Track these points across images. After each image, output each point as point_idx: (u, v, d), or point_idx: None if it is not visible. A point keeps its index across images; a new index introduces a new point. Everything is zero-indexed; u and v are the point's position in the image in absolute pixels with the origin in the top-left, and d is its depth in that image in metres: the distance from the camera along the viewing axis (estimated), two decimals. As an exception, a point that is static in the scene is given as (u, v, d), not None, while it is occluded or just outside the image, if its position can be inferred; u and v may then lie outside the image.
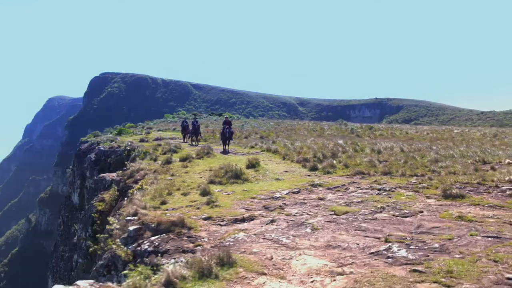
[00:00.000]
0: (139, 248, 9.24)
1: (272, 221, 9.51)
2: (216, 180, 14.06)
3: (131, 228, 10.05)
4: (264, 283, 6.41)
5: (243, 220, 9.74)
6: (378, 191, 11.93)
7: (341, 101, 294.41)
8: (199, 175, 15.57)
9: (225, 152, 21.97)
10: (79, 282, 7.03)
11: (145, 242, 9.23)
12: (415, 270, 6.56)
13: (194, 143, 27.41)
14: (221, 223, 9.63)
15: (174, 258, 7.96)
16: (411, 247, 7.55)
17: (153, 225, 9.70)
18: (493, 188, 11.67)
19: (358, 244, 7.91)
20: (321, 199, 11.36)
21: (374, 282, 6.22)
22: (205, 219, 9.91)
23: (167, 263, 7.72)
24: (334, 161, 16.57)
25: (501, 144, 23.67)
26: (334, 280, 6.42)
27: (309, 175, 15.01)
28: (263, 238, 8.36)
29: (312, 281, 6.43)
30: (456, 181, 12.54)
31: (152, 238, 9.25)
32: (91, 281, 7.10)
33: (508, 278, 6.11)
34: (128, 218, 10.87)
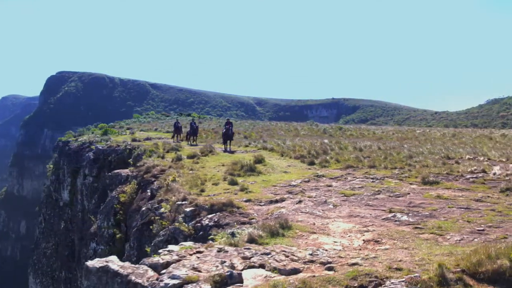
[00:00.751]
0: (198, 224, 11.88)
1: (300, 201, 12.42)
2: (235, 173, 16.78)
3: (187, 209, 12.68)
4: (317, 238, 9.31)
5: (276, 201, 12.60)
6: (371, 180, 15.08)
7: (299, 101, 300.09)
8: (216, 170, 18.25)
9: (226, 150, 24.56)
10: (184, 243, 9.70)
11: (204, 219, 11.88)
12: (416, 227, 9.65)
13: (193, 142, 29.71)
14: (260, 204, 12.45)
15: (237, 228, 10.68)
16: (409, 214, 10.66)
17: (206, 206, 12.38)
18: (459, 177, 15.04)
19: (371, 214, 10.95)
20: (329, 186, 14.38)
21: (391, 234, 9.25)
22: (246, 201, 12.68)
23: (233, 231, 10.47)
24: (327, 157, 19.69)
25: (460, 143, 27.60)
26: (363, 235, 9.40)
27: (309, 168, 18.03)
28: (301, 212, 11.26)
29: (349, 236, 9.39)
30: (430, 172, 15.83)
31: (209, 216, 11.91)
32: (191, 242, 9.76)
33: (478, 230, 9.29)
34: (179, 202, 13.47)
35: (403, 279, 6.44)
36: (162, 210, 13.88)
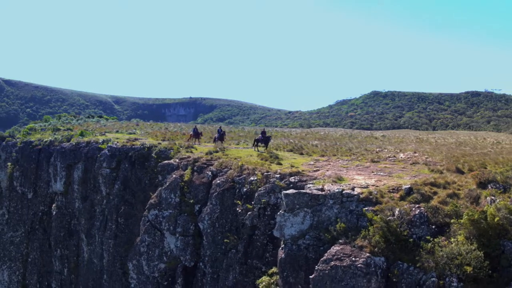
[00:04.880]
0: (287, 181, 24.56)
1: (328, 170, 25.94)
2: (268, 159, 29.32)
3: (276, 175, 25.19)
4: (355, 181, 22.96)
5: (317, 170, 25.88)
6: (347, 161, 29.21)
7: (156, 100, 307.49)
8: (252, 159, 30.49)
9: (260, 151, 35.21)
10: (307, 185, 22.60)
11: (290, 179, 24.59)
12: (389, 176, 23.96)
13: (221, 146, 38.80)
14: (310, 172, 25.60)
15: (315, 180, 23.78)
16: (382, 172, 24.99)
17: (287, 173, 25.11)
18: (386, 159, 29.91)
19: (365, 173, 25.00)
20: (329, 164, 28.10)
21: (382, 178, 23.38)
22: (302, 171, 25.68)
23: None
24: (306, 150, 33.40)
25: (359, 141, 43.49)
26: (371, 179, 23.35)
27: (304, 157, 31.41)
28: (336, 173, 24.79)
29: (367, 179, 23.24)
30: (370, 157, 30.48)
31: (292, 177, 24.62)
32: (311, 183, 22.65)
33: (413, 176, 23.94)
34: (265, 173, 25.89)
35: (407, 184, 20.65)
36: (253, 178, 26.01)
